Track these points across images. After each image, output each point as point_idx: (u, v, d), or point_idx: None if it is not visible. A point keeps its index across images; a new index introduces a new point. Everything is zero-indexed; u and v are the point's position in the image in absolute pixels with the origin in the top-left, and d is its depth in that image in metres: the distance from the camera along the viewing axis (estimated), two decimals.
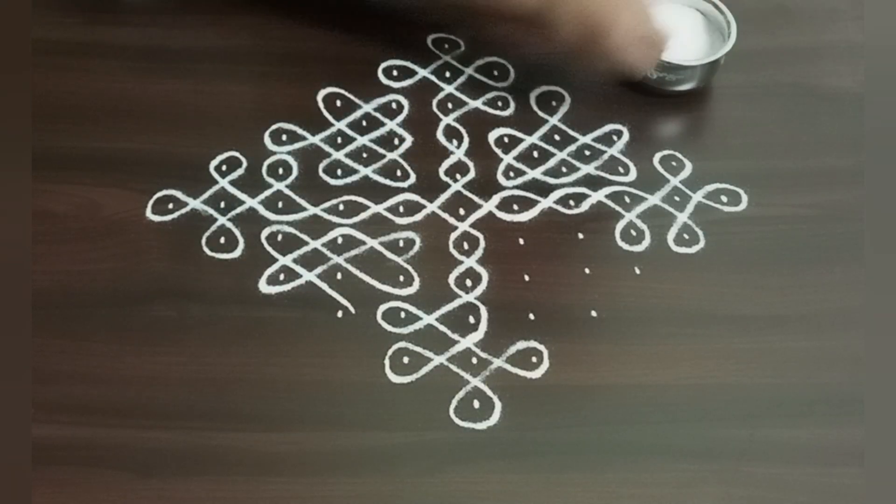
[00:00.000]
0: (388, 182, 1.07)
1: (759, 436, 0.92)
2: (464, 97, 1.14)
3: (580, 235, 1.04)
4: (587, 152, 1.10)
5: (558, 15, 1.04)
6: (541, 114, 1.13)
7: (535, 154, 1.10)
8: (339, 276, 1.00)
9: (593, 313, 0.99)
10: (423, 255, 1.02)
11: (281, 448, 0.90)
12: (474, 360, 0.95)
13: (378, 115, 1.12)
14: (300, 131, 1.10)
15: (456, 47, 1.18)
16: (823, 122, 1.14)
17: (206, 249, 1.02)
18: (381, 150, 1.09)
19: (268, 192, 1.06)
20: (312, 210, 1.05)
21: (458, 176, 1.08)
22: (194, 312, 0.98)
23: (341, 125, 1.11)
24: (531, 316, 0.98)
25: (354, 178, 1.07)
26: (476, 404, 0.93)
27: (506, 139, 1.11)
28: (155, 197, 1.05)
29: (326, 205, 1.05)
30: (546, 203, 1.06)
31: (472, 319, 0.98)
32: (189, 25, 1.17)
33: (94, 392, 0.93)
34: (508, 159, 1.09)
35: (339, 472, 0.89)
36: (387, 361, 0.95)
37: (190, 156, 1.08)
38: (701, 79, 1.14)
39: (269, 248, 1.02)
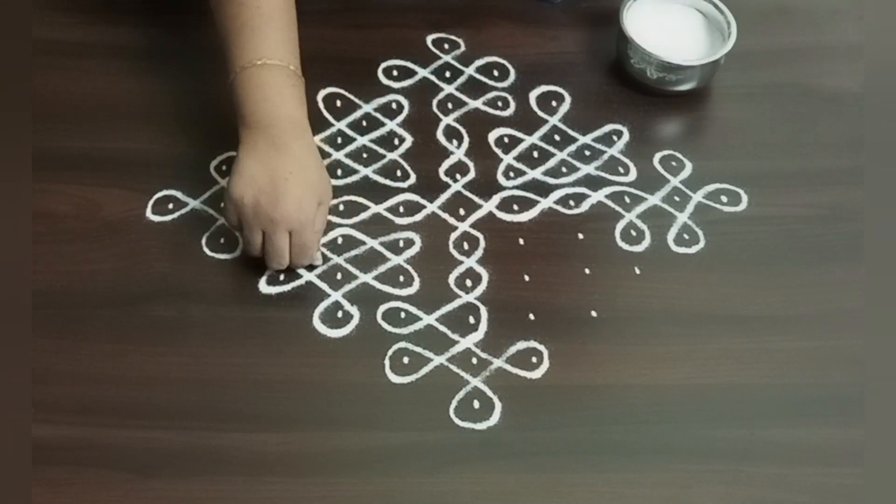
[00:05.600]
0: (388, 182, 1.07)
1: (759, 436, 0.92)
2: (464, 97, 1.14)
3: (580, 235, 1.04)
4: (587, 152, 1.10)
5: (259, 150, 0.95)
6: (541, 114, 1.13)
7: (535, 154, 1.10)
8: (338, 276, 1.00)
9: (593, 313, 0.99)
10: (423, 255, 1.02)
11: (281, 448, 0.90)
12: (474, 361, 0.95)
13: (378, 115, 1.12)
14: None
15: (456, 47, 1.18)
16: (823, 122, 1.14)
17: (206, 249, 1.02)
18: (381, 150, 1.09)
19: None
20: None
21: (458, 176, 1.08)
22: (194, 312, 0.98)
23: (341, 125, 1.11)
24: (531, 316, 0.98)
25: (354, 178, 1.07)
26: (476, 404, 0.93)
27: (506, 139, 1.11)
28: (155, 197, 1.05)
29: None
30: (546, 203, 1.06)
31: (472, 319, 0.98)
32: (189, 25, 1.17)
33: (94, 392, 0.93)
34: (508, 159, 1.09)
35: (339, 472, 0.89)
36: (387, 361, 0.95)
37: (190, 156, 1.08)
38: (701, 79, 1.14)
39: None
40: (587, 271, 1.02)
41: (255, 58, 0.97)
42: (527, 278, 1.01)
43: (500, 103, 1.14)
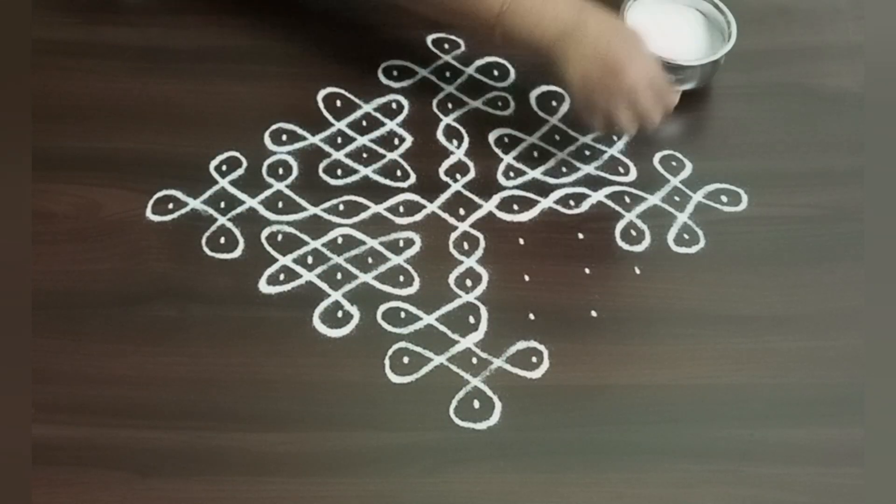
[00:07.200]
0: (388, 182, 1.07)
1: (759, 436, 0.92)
2: (464, 97, 1.14)
3: (580, 235, 1.04)
4: (587, 152, 1.10)
5: (572, 52, 1.01)
6: (541, 114, 1.13)
7: (535, 154, 1.10)
8: (339, 276, 1.00)
9: (593, 313, 0.99)
10: (423, 255, 1.02)
11: (281, 448, 0.90)
12: (474, 361, 0.95)
13: (378, 115, 1.12)
14: (300, 131, 1.10)
15: (456, 47, 1.18)
16: (823, 122, 1.14)
17: (206, 249, 1.02)
18: (381, 150, 1.09)
19: (268, 192, 1.06)
20: (312, 210, 1.05)
21: (458, 176, 1.08)
22: (194, 312, 0.98)
23: (341, 125, 1.11)
24: (531, 316, 0.98)
25: (354, 178, 1.07)
26: (476, 404, 0.93)
27: (506, 139, 1.11)
28: (155, 197, 1.05)
29: (326, 205, 1.05)
30: (546, 203, 1.06)
31: (472, 319, 0.98)
32: (189, 25, 1.17)
33: (94, 392, 0.93)
34: (508, 159, 1.09)
35: (339, 472, 0.89)
36: (387, 361, 0.95)
37: (190, 156, 1.08)
38: (701, 79, 1.14)
39: (269, 248, 1.02)
40: (587, 271, 1.02)
41: None
42: (527, 278, 1.01)
43: (500, 103, 1.14)
